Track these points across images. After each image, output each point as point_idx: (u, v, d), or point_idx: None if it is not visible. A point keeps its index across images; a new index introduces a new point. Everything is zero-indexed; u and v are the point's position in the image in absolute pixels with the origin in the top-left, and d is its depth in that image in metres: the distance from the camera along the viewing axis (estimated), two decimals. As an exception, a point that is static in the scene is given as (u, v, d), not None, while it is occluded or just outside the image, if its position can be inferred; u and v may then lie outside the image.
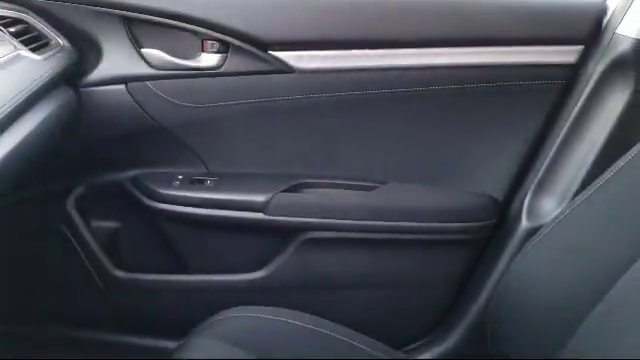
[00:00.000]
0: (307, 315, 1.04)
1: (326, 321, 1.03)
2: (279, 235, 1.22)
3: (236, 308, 1.04)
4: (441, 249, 1.20)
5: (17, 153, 0.89)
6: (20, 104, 0.92)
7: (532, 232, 1.06)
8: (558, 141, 1.13)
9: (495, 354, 0.99)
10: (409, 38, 1.12)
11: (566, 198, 1.12)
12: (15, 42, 0.94)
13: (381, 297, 1.24)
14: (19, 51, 0.93)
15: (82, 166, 1.20)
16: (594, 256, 0.87)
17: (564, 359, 0.84)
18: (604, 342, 0.79)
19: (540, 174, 1.15)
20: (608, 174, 0.88)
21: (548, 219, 1.06)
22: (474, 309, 1.20)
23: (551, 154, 1.14)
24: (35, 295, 1.29)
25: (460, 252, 1.21)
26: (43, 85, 0.98)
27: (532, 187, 1.16)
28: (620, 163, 0.87)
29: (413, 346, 1.28)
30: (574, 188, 1.11)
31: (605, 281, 0.82)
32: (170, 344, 1.12)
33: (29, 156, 0.94)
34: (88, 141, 1.14)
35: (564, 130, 1.13)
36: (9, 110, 0.88)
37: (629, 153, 0.86)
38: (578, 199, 0.93)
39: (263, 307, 1.05)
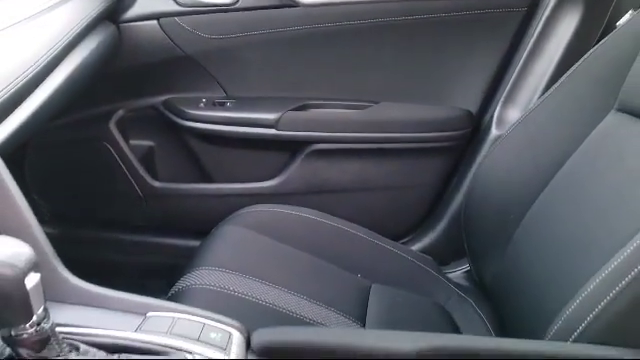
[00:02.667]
0: (317, 211, 1.25)
1: (334, 217, 1.25)
2: (288, 148, 1.43)
3: (257, 205, 1.26)
4: (426, 155, 1.41)
5: (73, 77, 1.10)
6: (75, 36, 1.12)
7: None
8: (522, 59, 1.33)
9: (466, 233, 1.20)
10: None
11: (529, 107, 1.32)
12: (69, -17, 1.13)
13: (376, 198, 1.46)
14: (73, -9, 1.13)
15: (122, 92, 1.41)
16: (543, 151, 1.07)
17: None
18: (548, 221, 0.99)
19: (507, 88, 1.36)
20: (559, 82, 1.08)
21: (513, 126, 1.27)
22: (454, 204, 1.42)
23: (517, 70, 1.34)
24: (85, 203, 1.51)
25: (441, 157, 1.42)
26: (92, 20, 1.18)
27: (501, 100, 1.37)
28: (569, 72, 1.06)
29: (405, 240, 1.50)
30: (535, 97, 1.31)
31: (549, 171, 1.02)
32: (197, 243, 1.30)
33: (81, 80, 1.14)
34: (127, 70, 1.35)
35: (527, 49, 1.33)
36: (68, 40, 1.09)
37: (577, 63, 1.06)
38: (535, 104, 1.14)
39: (280, 204, 1.27)
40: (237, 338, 0.68)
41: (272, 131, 1.38)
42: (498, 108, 1.37)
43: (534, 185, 1.04)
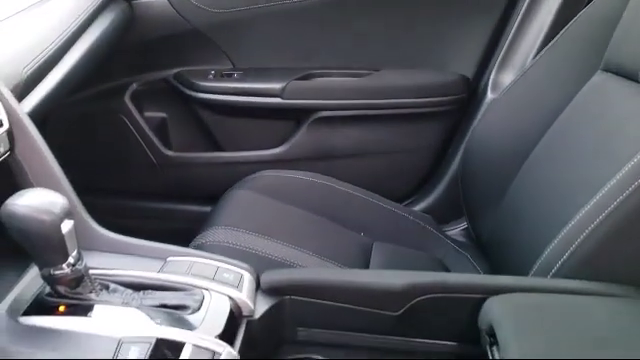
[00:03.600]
0: (322, 175, 1.32)
1: (338, 180, 1.32)
2: (293, 116, 1.50)
3: (265, 170, 1.34)
4: (425, 120, 1.48)
5: (90, 52, 1.17)
6: (90, 14, 1.19)
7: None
8: (516, 23, 1.39)
9: (464, 192, 1.27)
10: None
11: (522, 70, 1.38)
12: (84, -36, 1.20)
13: (378, 162, 1.53)
14: (88, -29, 1.20)
15: (135, 66, 1.48)
16: (534, 112, 1.13)
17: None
18: (537, 176, 1.06)
19: (502, 53, 1.42)
20: (550, 44, 1.14)
21: (507, 89, 1.33)
22: (452, 166, 1.48)
23: (510, 35, 1.40)
24: (103, 173, 1.59)
25: (440, 122, 1.49)
26: (106, -2, 1.25)
27: (496, 65, 1.43)
28: (560, 33, 1.13)
29: (407, 202, 1.57)
30: (529, 61, 1.37)
31: (540, 131, 1.08)
32: (209, 209, 1.34)
33: (98, 55, 1.21)
34: (139, 45, 1.42)
35: (520, 13, 1.38)
36: (85, 18, 1.16)
37: (568, 25, 1.12)
38: (526, 66, 1.20)
39: (286, 170, 1.34)
40: (248, 278, 0.76)
41: (278, 100, 1.45)
42: (493, 73, 1.43)
43: (526, 144, 1.10)
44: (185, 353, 0.61)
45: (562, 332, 0.66)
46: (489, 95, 1.42)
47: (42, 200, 0.62)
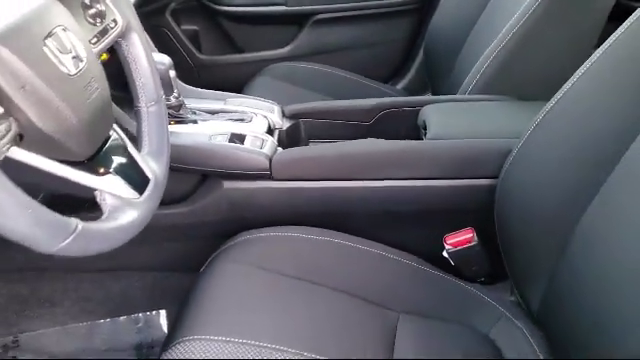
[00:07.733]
0: (325, 65, 1.75)
1: (338, 69, 1.75)
2: (296, 21, 1.94)
3: (278, 63, 1.78)
4: (399, 16, 1.92)
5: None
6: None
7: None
8: None
9: (427, 68, 1.71)
10: None
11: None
12: None
13: (367, 52, 1.98)
14: None
15: (173, -12, 1.91)
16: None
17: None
18: (477, 41, 1.50)
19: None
20: None
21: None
22: (421, 51, 1.92)
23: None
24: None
25: (410, 16, 1.94)
26: None
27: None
28: None
29: (391, 82, 2.02)
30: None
31: (476, 13, 1.50)
32: None
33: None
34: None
35: None
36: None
37: None
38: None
39: (294, 62, 1.78)
40: (277, 108, 1.22)
41: (283, 8, 1.89)
42: (448, -28, 1.84)
43: (467, 26, 1.50)
44: (247, 139, 1.07)
45: (461, 116, 1.12)
46: (446, -9, 1.83)
47: (158, 56, 1.07)
